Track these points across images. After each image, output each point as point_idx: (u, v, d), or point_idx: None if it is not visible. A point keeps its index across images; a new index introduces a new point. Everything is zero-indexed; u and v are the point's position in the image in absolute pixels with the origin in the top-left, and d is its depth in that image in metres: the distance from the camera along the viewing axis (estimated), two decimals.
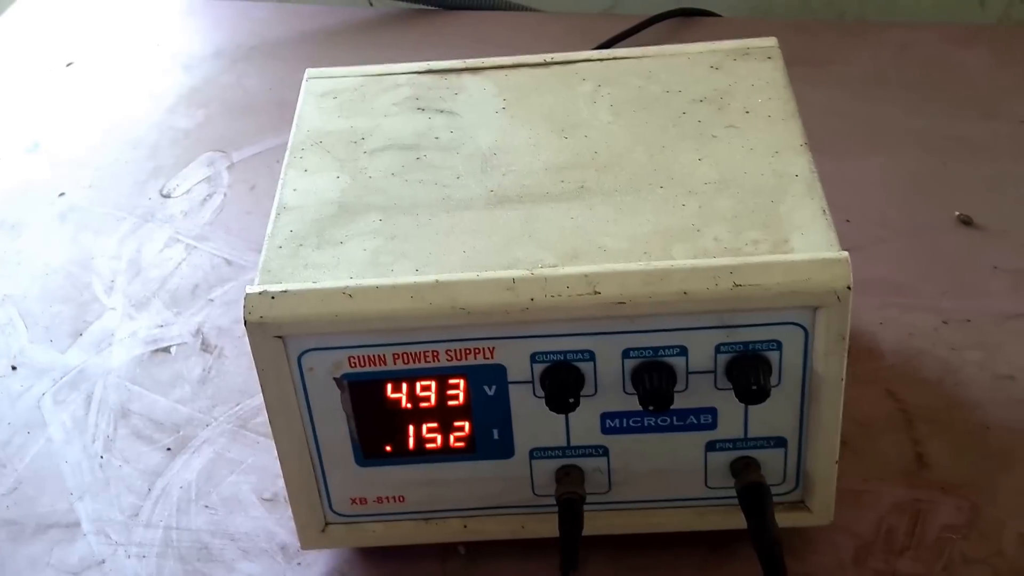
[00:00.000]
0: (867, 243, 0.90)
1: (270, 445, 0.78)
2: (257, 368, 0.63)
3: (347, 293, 0.61)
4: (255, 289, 0.62)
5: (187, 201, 1.03)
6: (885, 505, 0.74)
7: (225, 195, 1.03)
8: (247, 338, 0.62)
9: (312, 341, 0.63)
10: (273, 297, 0.61)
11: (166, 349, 0.89)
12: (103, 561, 0.74)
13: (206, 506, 0.77)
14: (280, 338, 0.62)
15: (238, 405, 0.84)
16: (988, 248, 0.92)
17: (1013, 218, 0.94)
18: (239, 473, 0.79)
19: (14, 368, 0.88)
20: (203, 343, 0.89)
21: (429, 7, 1.27)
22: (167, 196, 1.04)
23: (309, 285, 0.62)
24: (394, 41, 1.22)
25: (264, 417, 0.80)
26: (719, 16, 1.21)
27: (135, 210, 1.02)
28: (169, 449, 0.81)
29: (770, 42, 0.77)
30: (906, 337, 0.85)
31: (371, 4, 1.34)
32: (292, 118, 1.06)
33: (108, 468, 0.80)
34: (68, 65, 1.23)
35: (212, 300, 0.93)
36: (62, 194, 1.05)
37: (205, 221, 1.01)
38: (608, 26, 1.17)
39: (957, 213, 0.94)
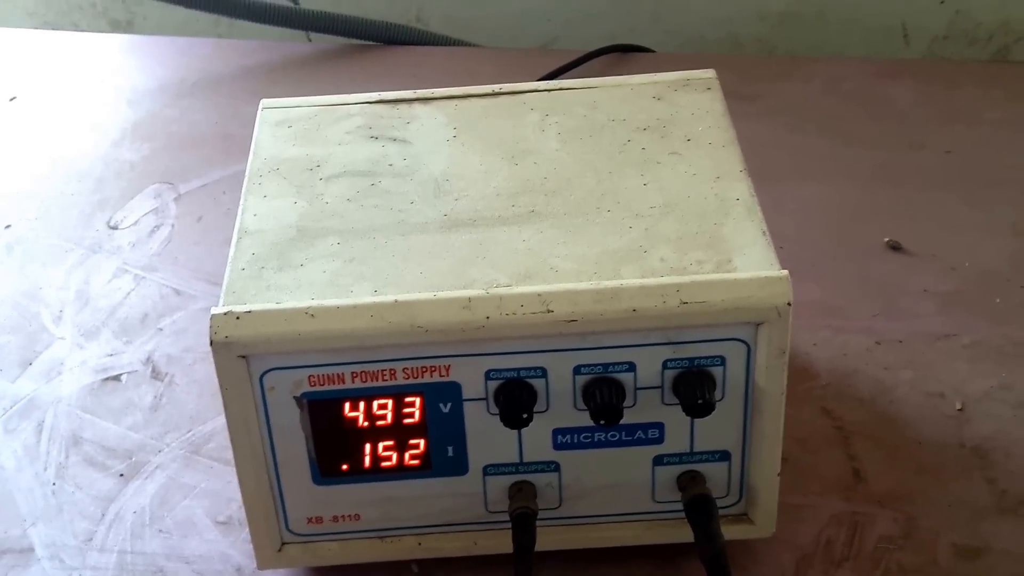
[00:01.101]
0: (801, 268, 0.91)
1: (223, 470, 0.81)
2: (221, 387, 0.64)
3: (309, 313, 0.63)
4: (220, 310, 0.63)
5: (135, 232, 1.04)
6: (824, 518, 0.76)
7: (172, 226, 1.04)
8: (212, 357, 0.64)
9: (274, 360, 0.64)
10: (238, 317, 0.63)
11: (116, 377, 0.90)
12: None
13: (160, 530, 0.78)
14: (244, 358, 0.64)
15: (190, 431, 0.85)
16: (917, 272, 0.95)
17: (940, 243, 0.97)
18: (192, 497, 0.80)
19: None
20: (153, 371, 0.90)
21: (368, 42, 1.29)
22: (114, 227, 1.05)
23: (272, 305, 0.64)
24: (335, 75, 1.24)
25: (216, 442, 0.83)
26: (653, 52, 1.25)
27: (82, 241, 1.03)
28: (122, 475, 0.82)
29: (709, 74, 0.80)
30: (840, 357, 0.87)
31: (309, 39, 1.36)
32: (237, 151, 1.09)
33: (61, 494, 0.81)
34: (11, 100, 1.23)
35: (161, 329, 0.94)
36: (8, 226, 1.06)
37: (153, 252, 1.01)
38: (546, 61, 1.20)
39: (887, 239, 0.97)
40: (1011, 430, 0.81)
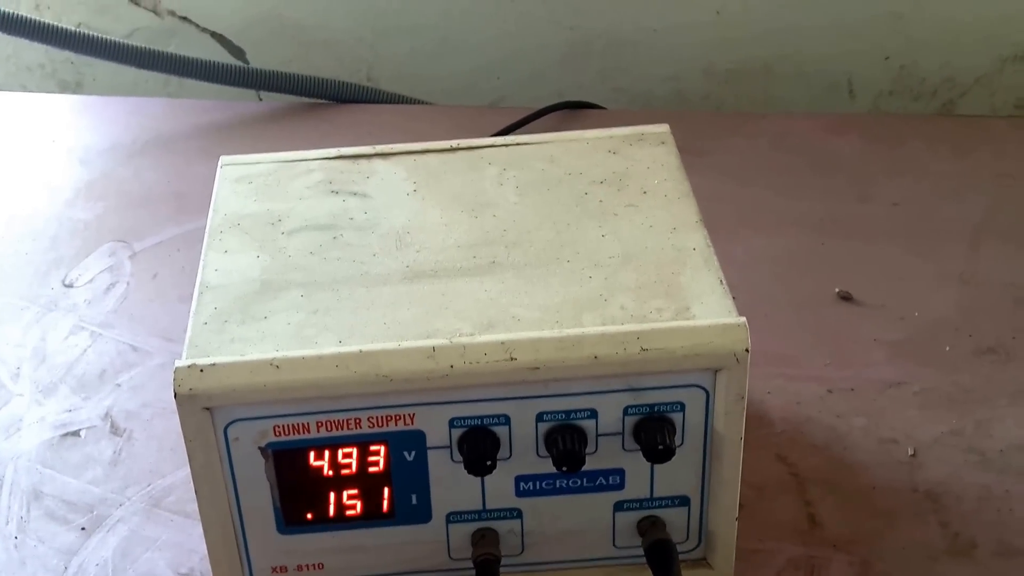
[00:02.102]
0: (752, 318, 0.93)
1: (184, 523, 0.81)
2: (185, 439, 0.65)
3: (274, 364, 0.64)
4: (184, 363, 0.64)
5: (90, 290, 1.04)
6: (781, 562, 0.77)
7: (128, 284, 1.05)
8: (175, 410, 0.64)
9: (239, 411, 0.65)
10: (202, 370, 0.63)
11: (75, 433, 0.89)
12: None
13: None
14: (208, 410, 0.64)
15: (150, 485, 0.85)
16: (867, 321, 0.96)
17: (889, 293, 0.99)
18: (154, 550, 0.80)
19: None
20: (112, 426, 0.90)
21: (318, 100, 1.30)
22: (69, 286, 1.05)
23: (237, 358, 0.64)
24: (288, 133, 1.25)
25: (176, 496, 0.83)
26: (604, 108, 1.27)
27: (38, 299, 1.03)
28: (84, 528, 0.82)
29: (662, 128, 0.82)
30: (793, 405, 0.89)
31: (260, 98, 1.37)
32: (191, 208, 1.10)
33: (23, 548, 0.80)
34: None
35: (119, 385, 0.94)
36: None
37: (109, 309, 1.02)
38: (496, 118, 1.21)
39: (837, 289, 0.99)
40: (962, 474, 0.83)
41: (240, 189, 0.78)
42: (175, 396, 0.63)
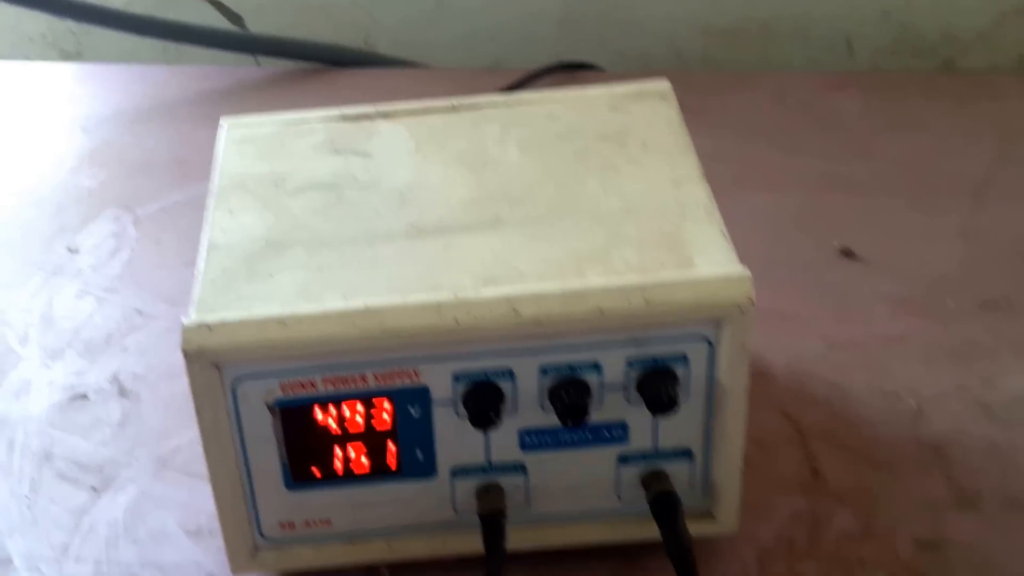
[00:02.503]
0: (754, 275, 0.94)
1: (192, 483, 0.82)
2: (193, 397, 0.65)
3: (281, 321, 0.64)
4: (192, 321, 0.64)
5: (95, 256, 1.04)
6: (784, 516, 0.78)
7: (132, 249, 1.05)
8: (184, 368, 0.64)
9: (247, 369, 0.65)
10: (210, 328, 0.64)
11: (84, 395, 0.90)
12: None
13: (134, 540, 0.78)
14: (216, 367, 0.65)
15: (158, 446, 0.85)
16: (869, 278, 0.97)
17: (891, 249, 0.99)
18: (164, 509, 0.81)
19: None
20: (120, 389, 0.91)
21: (316, 64, 1.30)
22: (75, 251, 1.05)
23: (244, 315, 0.64)
24: (287, 98, 1.25)
25: (184, 456, 0.84)
26: (602, 70, 1.27)
27: (44, 265, 1.04)
28: (94, 488, 0.82)
29: (663, 85, 0.82)
30: (796, 361, 0.89)
31: (258, 63, 1.37)
32: (193, 174, 1.10)
33: (35, 508, 0.81)
34: None
35: (126, 348, 0.94)
36: None
37: (114, 274, 1.02)
38: (493, 80, 1.21)
39: (838, 246, 1.00)
40: (967, 427, 0.83)
41: (243, 150, 0.78)
42: (184, 354, 0.64)
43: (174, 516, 0.80)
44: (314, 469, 0.70)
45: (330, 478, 0.70)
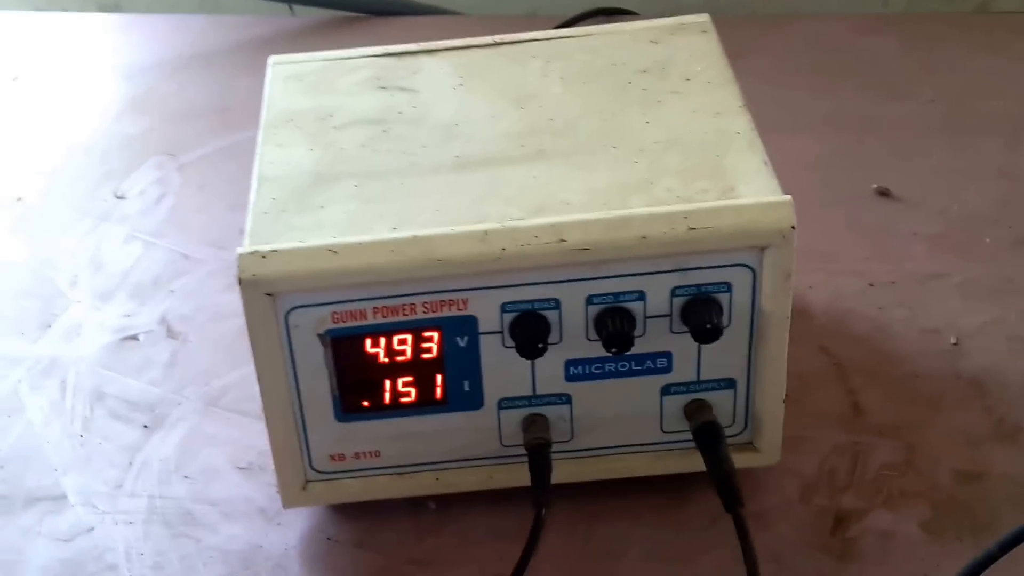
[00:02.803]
0: None
1: (241, 420, 0.83)
2: (248, 326, 0.66)
3: (332, 250, 0.65)
4: (247, 249, 0.65)
5: (141, 201, 1.06)
6: (826, 449, 0.78)
7: (177, 195, 1.06)
8: (240, 295, 0.65)
9: (299, 298, 0.66)
10: (264, 256, 0.65)
11: (134, 337, 0.92)
12: (92, 528, 0.77)
13: (185, 476, 0.80)
14: (271, 296, 0.66)
15: (207, 385, 0.87)
16: (906, 216, 0.97)
17: (928, 188, 0.99)
18: (214, 446, 0.82)
19: None
20: (168, 330, 0.92)
21: (352, 13, 1.31)
22: (121, 197, 1.07)
23: (296, 244, 0.66)
24: (322, 46, 1.22)
25: (232, 395, 0.85)
26: (636, 14, 1.27)
27: (91, 211, 1.05)
28: (146, 426, 0.84)
29: (703, 18, 0.82)
30: (835, 299, 0.90)
31: (292, 12, 1.38)
32: (234, 121, 1.11)
33: (88, 445, 0.83)
34: (14, 80, 1.25)
35: (173, 291, 0.96)
36: (19, 199, 1.08)
37: (160, 219, 1.04)
38: (531, 27, 1.18)
39: (875, 186, 1.00)
40: (1006, 361, 0.84)
41: (291, 87, 0.79)
42: (239, 282, 0.65)
43: (224, 453, 0.82)
44: (364, 400, 0.71)
45: (379, 409, 0.71)
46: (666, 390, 0.71)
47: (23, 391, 0.88)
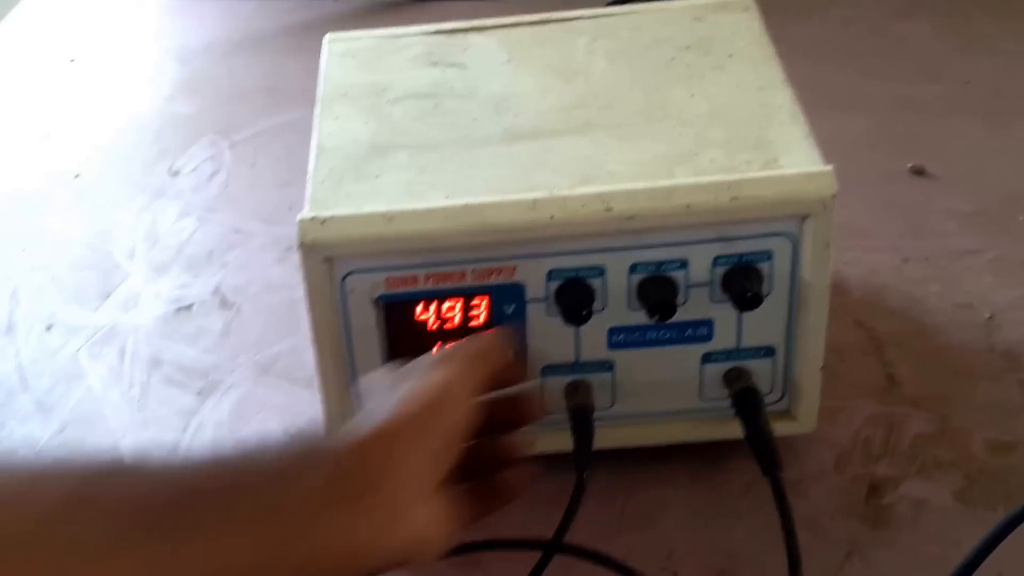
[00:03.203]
0: None
1: (292, 388, 0.86)
2: (306, 290, 0.68)
3: (387, 216, 0.67)
4: (307, 215, 0.68)
5: (194, 178, 1.09)
6: (861, 419, 0.80)
7: (229, 172, 1.09)
8: (300, 260, 0.67)
9: (355, 263, 0.68)
10: (323, 221, 0.67)
11: (188, 307, 0.95)
12: None
13: (239, 441, 0.82)
14: (329, 261, 0.68)
15: (259, 353, 0.90)
16: (941, 194, 0.99)
17: (962, 167, 1.01)
18: (266, 412, 0.85)
19: (49, 328, 0.94)
20: (222, 301, 0.95)
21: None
22: (175, 174, 1.09)
23: (353, 211, 0.68)
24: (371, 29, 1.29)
25: (284, 363, 0.88)
26: None
27: (146, 188, 1.08)
28: (200, 393, 0.87)
29: None
30: (870, 275, 0.91)
31: None
32: (283, 102, 1.14)
33: (146, 410, 0.86)
34: (71, 61, 1.28)
35: (227, 263, 0.98)
36: (77, 175, 1.11)
37: (213, 195, 1.06)
38: (577, 6, 1.22)
39: (910, 164, 1.01)
40: None
41: (346, 63, 0.82)
42: (299, 247, 0.67)
43: (276, 418, 0.84)
44: None
45: None
46: (707, 357, 0.73)
47: (83, 358, 0.91)
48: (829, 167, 0.68)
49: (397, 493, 0.52)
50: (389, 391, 0.56)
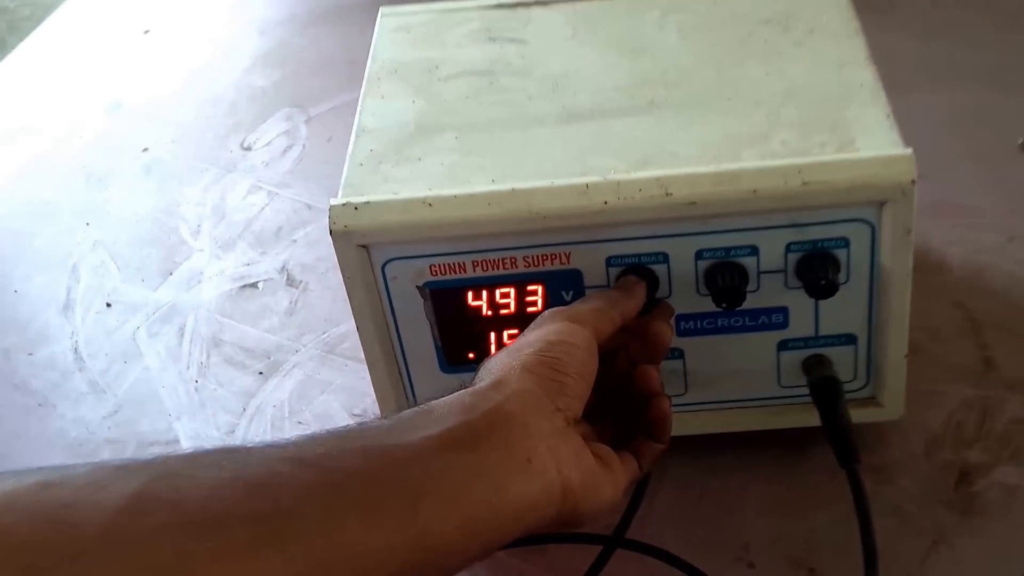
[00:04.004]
0: (932, 171, 0.90)
1: (358, 368, 0.83)
2: (343, 277, 0.66)
3: (427, 202, 0.64)
4: (339, 200, 0.65)
5: (267, 152, 1.07)
6: (954, 403, 0.76)
7: (304, 146, 1.07)
8: (334, 249, 0.65)
9: (395, 250, 0.65)
10: (356, 207, 0.64)
11: (253, 285, 0.93)
12: None
13: (299, 422, 0.81)
14: (364, 248, 0.65)
15: (325, 333, 0.87)
16: None
17: None
18: (329, 392, 0.83)
19: (108, 305, 0.92)
20: (288, 279, 0.93)
21: None
22: (248, 148, 1.07)
23: (390, 196, 0.65)
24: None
25: (350, 343, 0.85)
26: None
27: (217, 161, 1.06)
28: (261, 373, 0.85)
29: None
30: (973, 254, 0.86)
31: None
32: (362, 75, 1.10)
33: (203, 391, 0.84)
34: (145, 32, 1.27)
35: (295, 240, 0.96)
36: (146, 149, 1.09)
37: (285, 170, 1.04)
38: None
39: (1021, 140, 0.95)
40: None
41: (398, 38, 0.78)
42: (331, 233, 0.64)
43: (339, 399, 0.82)
44: (469, 352, 0.69)
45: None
46: (783, 345, 0.69)
47: (141, 337, 0.89)
48: (909, 150, 0.63)
49: (525, 429, 0.52)
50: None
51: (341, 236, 0.64)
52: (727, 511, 0.72)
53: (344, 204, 0.64)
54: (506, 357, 0.57)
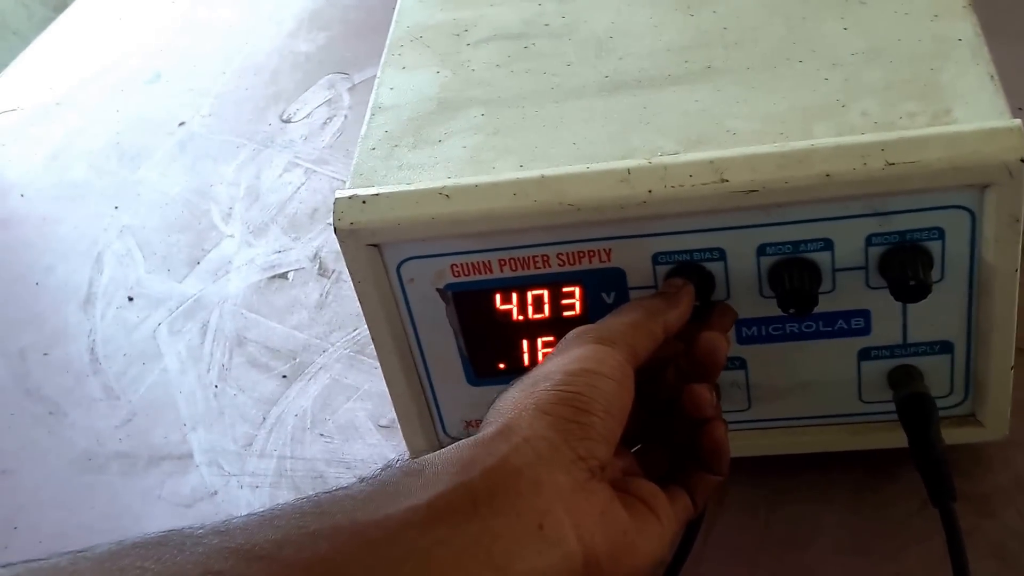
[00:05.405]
0: None
1: None
2: (353, 280, 0.58)
3: (444, 193, 0.56)
4: (344, 193, 0.57)
5: (307, 125, 1.00)
6: None
7: (346, 117, 1.00)
8: (340, 249, 0.57)
9: (410, 249, 0.58)
10: (364, 201, 0.56)
11: (283, 275, 0.86)
12: (215, 492, 0.72)
13: (321, 434, 0.74)
14: (376, 247, 0.58)
15: (356, 330, 0.81)
16: None
17: None
18: (356, 400, 0.76)
19: (131, 299, 0.87)
20: (320, 268, 0.86)
21: None
22: (287, 121, 1.01)
23: (403, 187, 0.57)
24: None
25: None
26: None
27: (254, 136, 1.00)
28: (285, 376, 0.79)
29: None
30: None
31: None
32: None
33: (222, 397, 0.78)
34: None
35: (330, 223, 0.88)
36: (182, 123, 1.04)
37: (325, 144, 0.98)
38: None
39: None
40: None
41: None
42: (335, 232, 0.57)
43: (366, 408, 0.75)
44: (499, 362, 0.62)
45: (518, 372, 0.60)
46: (864, 354, 0.61)
47: (162, 335, 0.84)
48: (1017, 122, 0.53)
49: (536, 488, 0.44)
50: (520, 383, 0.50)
51: (348, 234, 0.57)
52: (799, 544, 0.65)
53: (351, 197, 0.57)
54: (518, 393, 0.48)
